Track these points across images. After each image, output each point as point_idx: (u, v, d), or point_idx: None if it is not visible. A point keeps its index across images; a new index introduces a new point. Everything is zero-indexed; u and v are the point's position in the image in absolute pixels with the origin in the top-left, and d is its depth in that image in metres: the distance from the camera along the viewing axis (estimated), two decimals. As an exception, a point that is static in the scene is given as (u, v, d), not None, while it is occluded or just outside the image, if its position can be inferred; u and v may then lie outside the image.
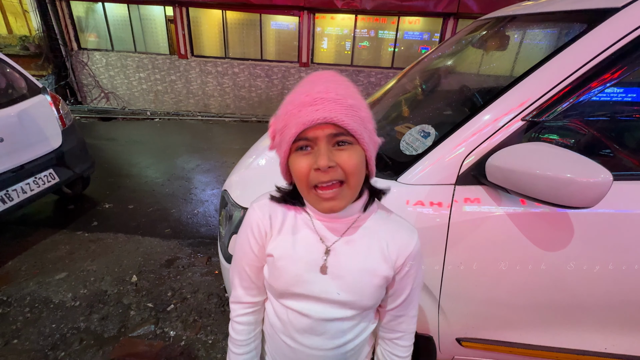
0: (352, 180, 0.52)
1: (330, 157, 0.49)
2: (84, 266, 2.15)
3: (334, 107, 0.47)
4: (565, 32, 1.05)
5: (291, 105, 0.50)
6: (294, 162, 0.53)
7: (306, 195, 0.55)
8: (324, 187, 0.52)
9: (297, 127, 0.48)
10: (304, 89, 0.50)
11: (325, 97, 0.48)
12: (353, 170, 0.51)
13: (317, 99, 0.48)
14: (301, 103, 0.49)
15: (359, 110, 0.50)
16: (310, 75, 0.54)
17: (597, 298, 0.95)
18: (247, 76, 6.76)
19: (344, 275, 0.59)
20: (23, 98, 2.36)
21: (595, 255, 0.90)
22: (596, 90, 0.82)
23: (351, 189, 0.53)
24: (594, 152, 0.97)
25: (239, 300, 0.68)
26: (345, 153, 0.50)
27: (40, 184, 2.32)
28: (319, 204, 0.53)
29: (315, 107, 0.47)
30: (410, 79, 1.67)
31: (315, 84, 0.50)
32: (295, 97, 0.50)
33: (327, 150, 0.49)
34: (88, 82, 6.91)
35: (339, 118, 0.47)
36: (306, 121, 0.48)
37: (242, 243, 0.64)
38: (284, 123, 0.51)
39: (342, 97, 0.48)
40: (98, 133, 5.27)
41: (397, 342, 0.69)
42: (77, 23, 6.57)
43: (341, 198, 0.53)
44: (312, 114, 0.47)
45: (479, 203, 0.90)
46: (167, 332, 1.68)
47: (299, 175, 0.52)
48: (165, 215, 2.81)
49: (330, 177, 0.50)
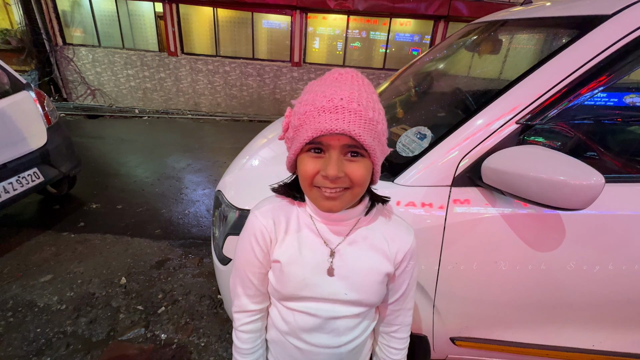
0: (357, 190, 0.53)
1: (340, 167, 0.49)
2: (71, 268, 2.08)
3: (353, 120, 0.47)
4: (557, 38, 1.07)
5: (312, 107, 0.49)
6: (303, 162, 0.53)
7: (308, 192, 0.55)
8: (328, 189, 0.52)
9: (314, 132, 0.48)
10: (327, 92, 0.48)
11: (347, 106, 0.47)
12: (360, 182, 0.52)
13: (338, 107, 0.47)
14: (322, 108, 0.47)
15: (377, 124, 0.50)
16: (334, 72, 0.52)
17: (585, 297, 0.98)
18: (238, 75, 6.70)
19: (350, 276, 0.60)
20: (5, 94, 2.27)
21: (584, 256, 0.92)
22: (588, 95, 0.84)
23: (353, 195, 0.54)
24: (587, 155, 0.99)
25: (243, 309, 0.67)
26: (355, 165, 0.51)
27: (24, 183, 2.24)
28: (319, 201, 0.54)
29: (336, 115, 0.46)
30: (405, 81, 1.69)
31: (339, 88, 0.48)
32: (317, 99, 0.49)
33: (339, 160, 0.49)
34: (74, 79, 6.72)
35: (357, 132, 0.47)
36: (324, 128, 0.47)
37: (245, 251, 0.64)
38: (300, 122, 0.50)
39: (363, 109, 0.47)
40: (84, 131, 5.12)
41: (394, 335, 0.71)
42: (62, 17, 6.38)
43: (342, 200, 0.53)
44: (331, 123, 0.46)
45: (474, 204, 0.91)
46: (158, 335, 1.65)
47: (305, 175, 0.52)
48: (156, 216, 2.76)
49: (336, 185, 0.51)
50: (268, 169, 1.29)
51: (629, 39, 0.80)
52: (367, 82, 0.53)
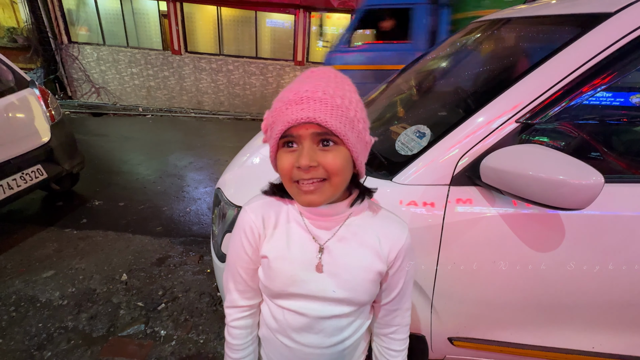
0: (335, 180, 0.52)
1: (313, 156, 0.50)
2: (73, 264, 2.10)
3: (318, 107, 0.47)
4: (559, 36, 1.06)
5: (281, 102, 0.51)
6: (280, 158, 0.54)
7: (289, 188, 0.56)
8: (305, 181, 0.52)
9: (283, 124, 0.49)
10: (294, 87, 0.51)
11: (312, 96, 0.48)
12: (336, 171, 0.51)
13: (304, 98, 0.48)
14: (289, 101, 0.49)
15: (347, 110, 0.49)
16: (305, 72, 0.54)
17: (585, 298, 0.97)
18: (241, 74, 6.72)
19: (339, 273, 0.59)
20: (10, 91, 2.30)
21: (584, 257, 0.91)
22: (589, 94, 0.83)
23: (332, 187, 0.53)
24: (586, 155, 0.98)
25: (234, 305, 0.67)
26: (330, 154, 0.50)
27: (28, 179, 2.26)
28: (299, 196, 0.54)
29: (301, 106, 0.48)
30: (406, 79, 1.68)
31: (304, 82, 0.50)
32: (285, 95, 0.51)
33: (310, 149, 0.50)
34: (78, 77, 6.77)
35: (323, 118, 0.47)
36: (291, 119, 0.48)
37: (236, 246, 0.64)
38: (273, 119, 0.52)
39: (329, 97, 0.48)
40: (88, 128, 5.17)
41: (392, 336, 0.70)
42: (68, 16, 6.43)
43: (320, 193, 0.53)
44: (297, 112, 0.48)
45: (472, 204, 0.91)
46: (158, 332, 1.66)
47: (282, 171, 0.54)
48: (157, 213, 2.77)
49: (312, 176, 0.51)
50: (267, 167, 1.28)
51: (631, 37, 0.79)
52: (341, 75, 0.53)
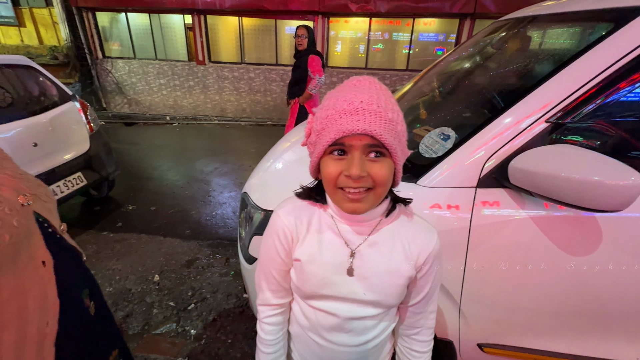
0: (379, 189, 0.54)
1: (363, 167, 0.51)
2: (110, 265, 2.24)
3: (374, 120, 0.49)
4: (590, 32, 1.02)
5: (333, 110, 0.51)
6: (327, 164, 0.55)
7: (332, 194, 0.57)
8: (352, 190, 0.53)
9: (336, 133, 0.50)
10: (348, 96, 0.51)
11: (367, 108, 0.49)
12: (382, 182, 0.53)
13: (359, 109, 0.49)
14: (343, 110, 0.50)
15: (397, 124, 0.51)
16: (352, 80, 0.55)
17: (627, 305, 0.92)
18: (262, 81, 6.87)
19: (369, 277, 0.61)
20: (55, 105, 2.50)
21: (624, 261, 0.86)
22: (625, 91, 0.80)
23: (376, 196, 0.55)
24: (623, 154, 0.93)
25: (267, 303, 0.70)
26: (378, 165, 0.52)
27: (70, 186, 2.43)
28: (344, 203, 0.55)
29: (357, 117, 0.49)
30: (429, 81, 1.66)
31: (359, 92, 0.51)
32: (338, 103, 0.51)
33: (361, 160, 0.51)
34: (112, 89, 7.21)
35: (378, 131, 0.49)
36: (346, 129, 0.49)
37: (269, 249, 0.66)
38: (322, 125, 0.53)
39: (382, 110, 0.49)
40: (121, 137, 5.48)
41: (415, 337, 0.70)
42: (102, 33, 6.89)
43: (365, 201, 0.54)
44: (353, 123, 0.49)
45: (500, 206, 0.89)
46: (188, 331, 1.73)
47: (329, 177, 0.54)
48: (185, 217, 2.90)
49: (359, 185, 0.52)
50: (291, 172, 1.32)
51: (672, 30, 0.75)
52: (384, 87, 0.55)
